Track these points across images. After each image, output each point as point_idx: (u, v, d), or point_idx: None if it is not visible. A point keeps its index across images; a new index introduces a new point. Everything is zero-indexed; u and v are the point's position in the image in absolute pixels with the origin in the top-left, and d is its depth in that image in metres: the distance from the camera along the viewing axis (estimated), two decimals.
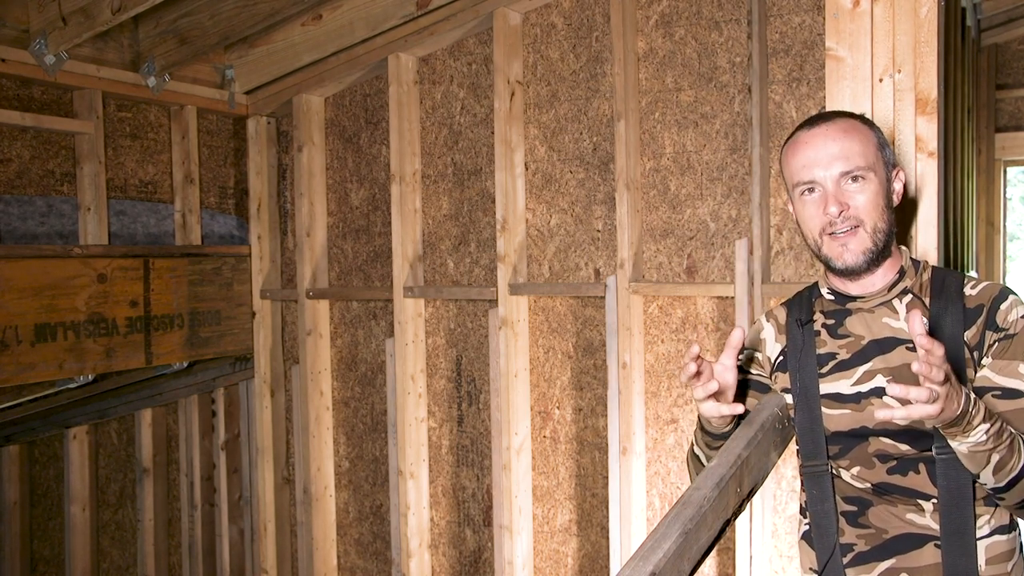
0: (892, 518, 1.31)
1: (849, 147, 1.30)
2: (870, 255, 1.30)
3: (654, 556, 0.99)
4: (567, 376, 2.90)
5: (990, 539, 1.28)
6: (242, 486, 3.73)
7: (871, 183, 1.30)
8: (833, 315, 1.39)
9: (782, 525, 2.51)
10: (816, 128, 1.33)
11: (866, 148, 1.31)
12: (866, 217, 1.29)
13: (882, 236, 1.30)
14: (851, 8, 1.67)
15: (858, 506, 1.34)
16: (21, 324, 2.66)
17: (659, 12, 2.70)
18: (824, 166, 1.30)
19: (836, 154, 1.29)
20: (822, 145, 1.31)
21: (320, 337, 3.39)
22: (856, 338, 1.34)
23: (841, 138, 1.30)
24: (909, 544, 1.29)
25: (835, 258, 1.31)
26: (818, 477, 1.35)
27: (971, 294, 1.30)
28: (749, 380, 1.47)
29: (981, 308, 1.28)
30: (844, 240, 1.29)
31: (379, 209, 3.29)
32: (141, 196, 3.22)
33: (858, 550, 1.33)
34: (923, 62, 1.63)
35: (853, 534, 1.34)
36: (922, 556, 1.28)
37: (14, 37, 2.69)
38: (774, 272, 2.55)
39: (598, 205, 2.82)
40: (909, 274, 1.35)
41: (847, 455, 1.33)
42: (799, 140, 1.34)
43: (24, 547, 3.99)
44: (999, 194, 4.85)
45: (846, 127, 1.32)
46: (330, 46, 3.14)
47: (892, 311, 1.33)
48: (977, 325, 1.28)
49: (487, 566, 3.09)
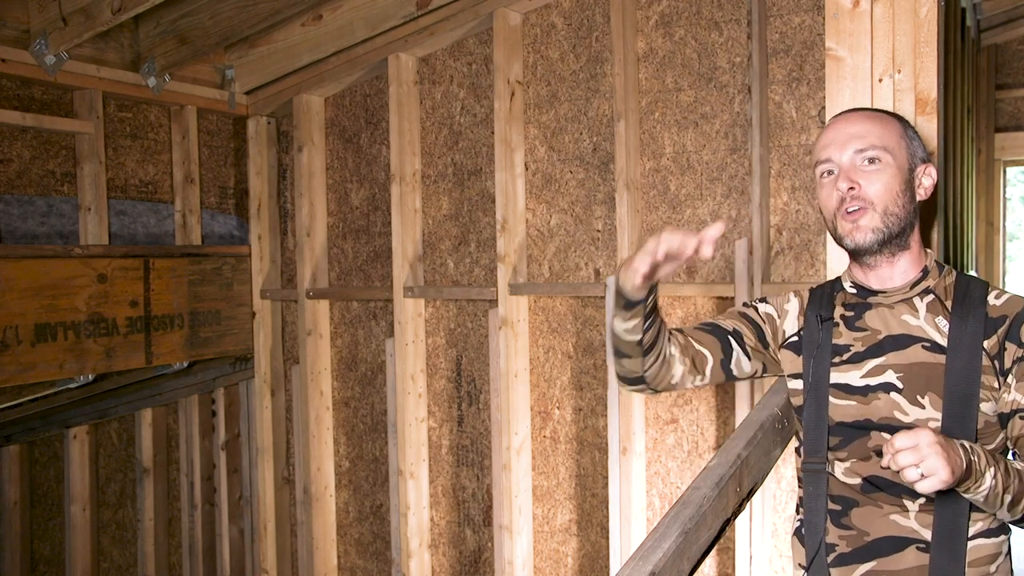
0: (875, 519, 1.30)
1: (868, 129, 1.32)
2: (880, 235, 1.30)
3: (654, 556, 0.99)
4: (567, 376, 2.90)
5: (974, 542, 1.28)
6: (242, 486, 3.74)
7: (888, 167, 1.30)
8: (853, 308, 1.39)
9: (782, 525, 2.51)
10: (842, 115, 1.38)
11: (886, 132, 1.32)
12: (877, 199, 1.30)
13: (895, 221, 1.30)
14: (851, 8, 1.67)
15: (842, 505, 1.33)
16: (21, 324, 2.66)
17: (659, 12, 2.70)
18: (840, 145, 1.32)
19: (853, 134, 1.32)
20: (842, 127, 1.34)
21: (320, 337, 3.40)
22: (872, 332, 1.34)
23: (861, 121, 1.34)
24: (891, 547, 1.29)
25: (846, 235, 1.32)
26: (816, 474, 1.35)
27: (995, 303, 1.30)
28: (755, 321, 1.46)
29: (1004, 319, 1.28)
30: (855, 217, 1.30)
31: (379, 209, 3.30)
32: (141, 196, 3.22)
33: (840, 551, 1.33)
34: (923, 62, 1.63)
35: (836, 534, 1.34)
36: (903, 559, 1.28)
37: (14, 37, 2.69)
38: (774, 272, 2.55)
39: (598, 205, 2.83)
40: (932, 275, 1.35)
41: (846, 447, 1.33)
42: (825, 126, 1.39)
43: (24, 547, 3.99)
44: (999, 194, 4.85)
45: (869, 114, 1.37)
46: (330, 46, 3.14)
47: (912, 309, 1.33)
48: (998, 335, 1.27)
49: (487, 566, 3.09)
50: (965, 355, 1.26)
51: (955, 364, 1.27)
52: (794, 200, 2.53)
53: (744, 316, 1.48)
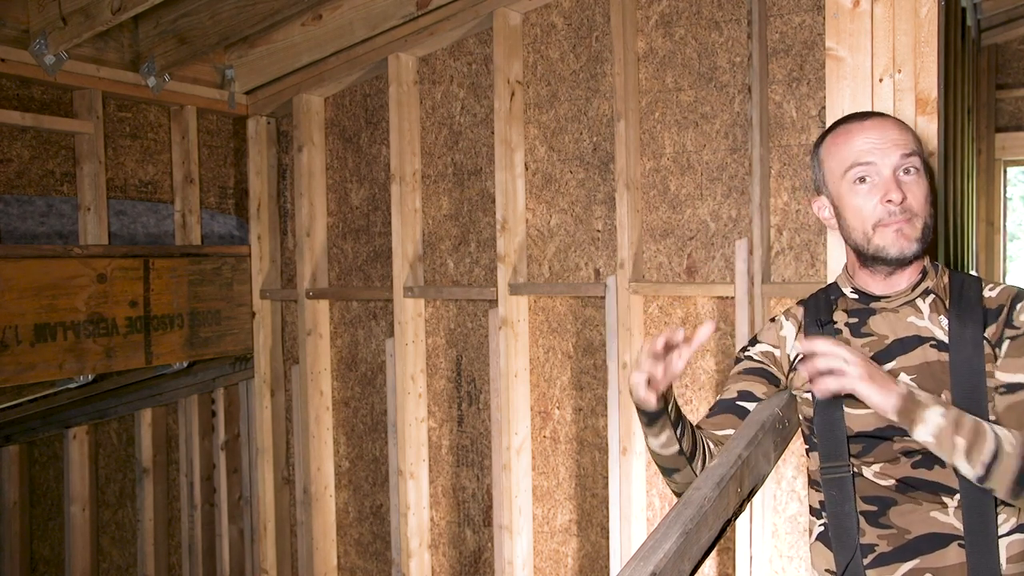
0: (915, 517, 1.29)
1: (904, 137, 1.32)
2: (921, 245, 1.30)
3: (654, 556, 0.99)
4: (567, 376, 2.90)
5: (1009, 538, 1.27)
6: (242, 486, 3.73)
7: (923, 177, 1.31)
8: (856, 314, 1.38)
9: (782, 525, 2.51)
10: (869, 119, 1.35)
11: (915, 141, 1.34)
12: (920, 209, 1.30)
13: (930, 233, 1.32)
14: (851, 8, 1.67)
15: (879, 506, 1.32)
16: (21, 324, 2.66)
17: (659, 12, 2.70)
18: (883, 152, 1.30)
19: (896, 139, 1.30)
20: (880, 130, 1.32)
21: (320, 337, 3.39)
22: (880, 337, 1.34)
23: (897, 127, 1.33)
24: (933, 544, 1.28)
25: (888, 245, 1.30)
26: (839, 480, 1.34)
27: (991, 295, 1.32)
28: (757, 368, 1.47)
29: (1001, 308, 1.30)
30: (899, 226, 1.29)
31: (379, 209, 3.29)
32: (141, 196, 3.22)
33: (880, 551, 1.31)
34: (923, 62, 1.63)
35: (874, 534, 1.32)
36: (946, 556, 1.27)
37: (14, 37, 2.69)
38: (774, 272, 2.55)
39: (598, 205, 2.82)
40: (930, 275, 1.36)
41: (871, 453, 1.32)
42: (851, 129, 1.35)
43: (24, 547, 3.99)
44: (999, 194, 4.84)
45: (898, 122, 1.35)
46: (330, 46, 3.14)
47: (916, 310, 1.34)
48: (998, 323, 1.29)
49: (487, 566, 3.09)
50: (968, 350, 1.27)
51: (959, 359, 1.28)
52: (794, 200, 2.53)
53: (745, 373, 1.47)
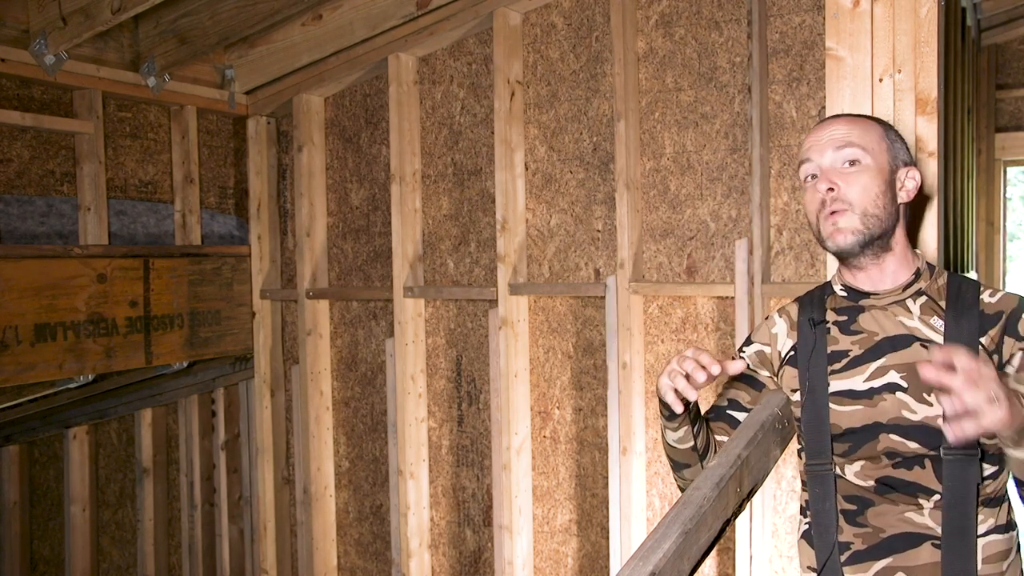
0: (891, 517, 1.31)
1: (847, 132, 1.34)
2: (860, 237, 1.31)
3: (654, 556, 0.99)
4: (567, 376, 2.90)
5: (987, 538, 1.28)
6: (242, 486, 3.73)
7: (867, 169, 1.32)
8: (846, 312, 1.39)
9: (782, 525, 2.51)
10: (823, 120, 1.41)
11: (865, 134, 1.34)
12: (856, 200, 1.31)
13: (875, 222, 1.31)
14: (851, 8, 1.67)
15: (858, 505, 1.34)
16: (21, 324, 2.66)
17: (659, 12, 2.70)
18: (820, 148, 1.35)
19: (834, 137, 1.34)
20: (823, 132, 1.36)
21: (320, 337, 3.39)
22: (869, 334, 1.35)
23: (841, 125, 1.36)
24: (906, 543, 1.29)
25: (827, 237, 1.34)
26: (822, 477, 1.36)
27: (990, 301, 1.31)
28: (744, 374, 1.49)
29: (1000, 315, 1.29)
30: (835, 219, 1.32)
31: (379, 209, 3.29)
32: (141, 196, 3.22)
33: (855, 548, 1.33)
34: (923, 62, 1.63)
35: (851, 532, 1.34)
36: (919, 555, 1.28)
37: (14, 37, 2.69)
38: (774, 272, 2.55)
39: (598, 205, 2.82)
40: (924, 277, 1.36)
41: (855, 452, 1.33)
42: (811, 132, 1.40)
43: (24, 547, 3.99)
44: (999, 194, 4.85)
45: (851, 118, 1.38)
46: (330, 46, 3.14)
47: (906, 310, 1.34)
48: (996, 330, 1.28)
49: (487, 566, 3.09)
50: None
51: None
52: (794, 200, 2.53)
53: (735, 378, 1.50)
